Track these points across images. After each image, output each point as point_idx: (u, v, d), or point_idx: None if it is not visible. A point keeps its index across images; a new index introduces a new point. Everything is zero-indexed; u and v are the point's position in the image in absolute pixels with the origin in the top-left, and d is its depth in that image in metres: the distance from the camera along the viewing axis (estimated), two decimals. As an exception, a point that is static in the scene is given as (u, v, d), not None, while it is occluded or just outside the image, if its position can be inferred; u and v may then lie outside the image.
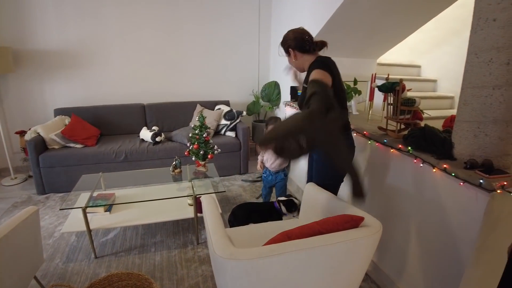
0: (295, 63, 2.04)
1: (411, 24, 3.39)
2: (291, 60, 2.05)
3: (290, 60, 2.07)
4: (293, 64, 2.07)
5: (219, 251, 1.17)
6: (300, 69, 2.08)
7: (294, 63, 2.05)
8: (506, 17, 1.45)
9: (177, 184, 2.93)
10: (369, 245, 1.32)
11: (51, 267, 2.34)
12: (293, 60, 2.02)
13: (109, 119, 4.11)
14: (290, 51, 1.98)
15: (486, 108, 1.57)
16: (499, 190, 1.45)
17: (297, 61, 2.01)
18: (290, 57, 2.02)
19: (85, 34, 4.02)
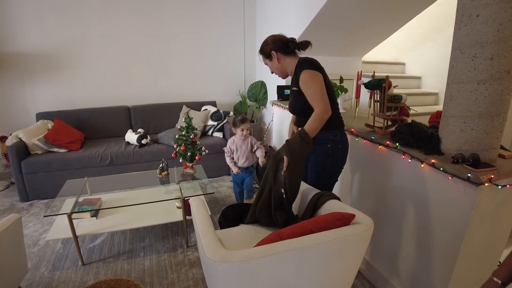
0: (278, 67, 1.99)
1: (394, 22, 3.43)
2: (273, 64, 1.99)
3: (272, 65, 2.01)
4: (275, 69, 2.02)
5: (210, 254, 1.14)
6: (283, 74, 2.04)
7: (276, 68, 2.01)
8: (488, 13, 1.47)
9: (165, 187, 2.88)
10: (361, 242, 1.32)
11: (37, 276, 2.27)
12: (276, 64, 1.98)
13: (94, 122, 4.03)
14: (273, 54, 1.94)
15: (471, 103, 1.59)
16: (487, 183, 1.47)
17: (280, 64, 1.97)
18: (272, 61, 1.97)
19: (67, 35, 3.93)
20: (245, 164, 2.94)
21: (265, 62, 2.04)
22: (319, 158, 1.96)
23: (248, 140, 2.94)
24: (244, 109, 4.63)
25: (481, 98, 1.56)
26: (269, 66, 2.04)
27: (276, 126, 3.95)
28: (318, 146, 1.92)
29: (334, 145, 1.93)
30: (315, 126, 1.76)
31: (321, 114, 1.75)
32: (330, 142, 1.92)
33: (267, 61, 2.01)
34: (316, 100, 1.77)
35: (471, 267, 1.74)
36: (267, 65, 2.04)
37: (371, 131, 2.19)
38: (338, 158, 1.97)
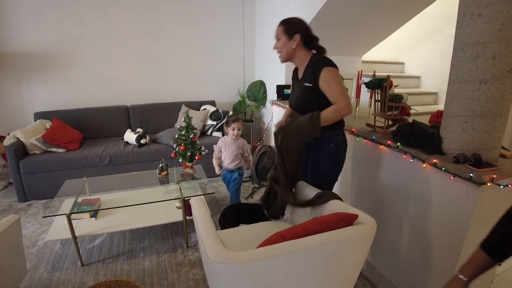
0: (290, 50, 1.86)
1: (394, 21, 3.43)
2: (288, 45, 1.85)
3: (285, 45, 1.86)
4: (286, 49, 1.87)
5: (213, 256, 1.13)
6: (287, 58, 1.91)
7: (288, 50, 1.87)
8: (491, 12, 1.46)
9: (164, 187, 2.87)
10: (364, 242, 1.31)
11: (36, 278, 2.25)
12: (291, 46, 1.85)
13: (92, 122, 4.01)
14: (296, 36, 1.82)
15: (473, 103, 1.59)
16: (489, 183, 1.47)
17: (294, 49, 1.85)
18: (290, 42, 1.84)
19: (65, 34, 3.90)
20: (230, 166, 2.84)
21: (279, 37, 1.88)
22: (323, 158, 1.94)
23: (239, 142, 2.84)
24: (243, 109, 4.62)
25: (483, 97, 1.56)
26: (281, 43, 1.88)
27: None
28: (321, 145, 1.92)
29: (337, 145, 1.93)
30: (331, 116, 1.75)
31: (343, 109, 1.73)
32: (334, 142, 1.91)
33: (284, 37, 1.86)
34: (339, 96, 1.74)
35: (472, 267, 1.74)
36: (279, 39, 1.89)
37: (372, 131, 2.18)
38: (340, 157, 1.98)
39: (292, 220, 2.02)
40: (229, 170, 2.86)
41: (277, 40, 1.90)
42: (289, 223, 1.99)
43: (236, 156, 2.82)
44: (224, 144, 2.84)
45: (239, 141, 2.84)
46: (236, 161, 2.83)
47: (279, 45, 1.90)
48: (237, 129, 2.77)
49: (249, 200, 3.44)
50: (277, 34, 1.89)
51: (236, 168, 2.86)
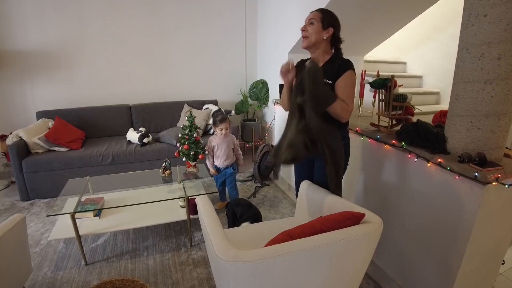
0: (319, 39, 1.81)
1: (396, 22, 3.43)
2: (320, 34, 1.80)
3: (317, 32, 1.80)
4: (315, 37, 1.80)
5: (222, 254, 1.14)
6: (312, 44, 1.83)
7: (317, 38, 1.80)
8: (496, 12, 1.47)
9: (168, 186, 2.88)
10: (371, 241, 1.32)
11: (40, 277, 2.26)
12: (321, 36, 1.80)
13: (95, 121, 4.01)
14: (330, 29, 1.80)
15: (478, 103, 1.60)
16: (494, 182, 1.47)
17: (322, 40, 1.81)
18: (322, 31, 1.79)
19: (67, 33, 3.90)
20: (226, 163, 3.00)
21: (312, 21, 1.81)
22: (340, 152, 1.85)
23: (228, 138, 2.98)
24: (245, 108, 4.63)
25: (487, 97, 1.56)
26: (313, 28, 1.80)
27: (278, 125, 3.94)
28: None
29: (346, 143, 1.93)
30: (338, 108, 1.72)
31: (347, 111, 1.75)
32: (344, 140, 1.88)
33: (319, 24, 1.79)
34: (349, 100, 1.76)
35: (476, 266, 1.75)
36: (311, 24, 1.81)
37: (376, 130, 2.19)
38: (347, 156, 1.97)
39: (297, 219, 2.03)
40: (224, 168, 3.02)
41: (309, 24, 1.82)
42: (294, 222, 1.99)
43: (229, 153, 3.00)
44: (216, 144, 2.97)
45: (228, 138, 2.99)
46: (230, 157, 3.01)
47: (310, 30, 1.81)
48: (225, 129, 2.89)
49: (251, 199, 3.45)
50: (311, 18, 1.82)
51: (230, 164, 3.04)
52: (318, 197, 1.82)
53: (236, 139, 3.11)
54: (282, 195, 3.57)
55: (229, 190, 3.13)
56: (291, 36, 3.59)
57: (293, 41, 3.53)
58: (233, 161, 3.07)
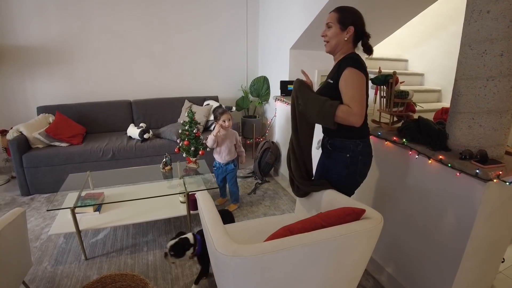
0: (340, 41, 1.69)
1: (398, 19, 3.42)
2: (339, 35, 1.69)
3: (336, 34, 1.69)
4: (335, 39, 1.70)
5: (221, 249, 1.14)
6: (334, 48, 1.73)
7: (338, 40, 1.69)
8: (499, 9, 1.46)
9: (168, 182, 2.87)
10: (371, 237, 1.32)
11: (39, 271, 2.26)
12: (342, 37, 1.68)
13: (95, 116, 4.01)
14: (350, 28, 1.66)
15: (480, 99, 1.59)
16: (495, 179, 1.47)
17: (344, 41, 1.69)
18: (341, 33, 1.68)
19: (68, 28, 3.89)
20: (228, 158, 2.97)
21: (330, 24, 1.71)
22: (335, 168, 1.79)
23: (231, 133, 2.97)
24: (246, 105, 4.62)
25: (490, 94, 1.56)
26: (332, 32, 1.70)
27: (279, 121, 3.93)
28: (335, 153, 1.78)
29: (354, 156, 1.74)
30: (339, 116, 1.58)
31: (352, 114, 1.56)
32: (350, 152, 1.73)
33: (336, 26, 1.69)
34: (352, 101, 1.58)
35: (476, 263, 1.75)
36: (329, 27, 1.71)
37: (377, 127, 2.18)
38: (356, 170, 1.77)
39: (297, 215, 2.03)
40: (224, 162, 2.99)
41: (327, 27, 1.72)
42: (294, 218, 1.99)
43: (231, 148, 2.97)
44: (220, 139, 2.92)
45: (230, 132, 2.96)
46: (231, 153, 2.99)
47: (328, 34, 1.71)
48: (227, 120, 2.84)
49: (252, 195, 3.45)
50: (329, 21, 1.71)
51: (230, 161, 3.02)
52: (318, 193, 1.81)
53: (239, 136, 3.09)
54: (283, 192, 3.57)
55: (229, 186, 3.12)
56: (292, 33, 3.58)
57: (295, 37, 3.52)
58: (235, 157, 3.05)
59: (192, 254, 1.95)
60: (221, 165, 3.01)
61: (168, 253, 1.90)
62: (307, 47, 3.67)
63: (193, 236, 1.99)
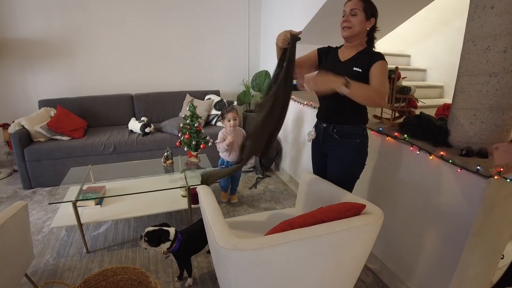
0: (362, 29, 1.71)
1: (402, 13, 3.40)
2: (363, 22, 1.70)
3: (361, 21, 1.70)
4: (359, 26, 1.70)
5: (222, 242, 1.14)
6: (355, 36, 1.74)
7: (361, 27, 1.71)
8: (503, 4, 1.45)
9: (169, 176, 2.88)
10: (371, 232, 1.32)
11: (42, 264, 2.28)
12: (365, 26, 1.71)
13: (97, 110, 4.01)
14: (372, 19, 1.71)
15: (482, 96, 1.58)
16: (496, 176, 1.47)
17: (366, 31, 1.74)
18: (367, 22, 1.71)
19: (70, 22, 3.88)
20: (233, 158, 2.92)
21: (356, 12, 1.70)
22: (348, 155, 1.82)
23: (238, 131, 2.92)
24: (247, 99, 4.61)
25: (492, 91, 1.55)
26: (357, 19, 1.69)
27: (280, 116, 3.92)
28: (346, 141, 1.81)
29: (363, 141, 1.82)
30: (368, 93, 1.60)
31: (382, 95, 1.61)
32: (359, 137, 1.81)
33: (362, 14, 1.69)
34: (384, 87, 1.66)
35: (475, 259, 1.75)
36: (355, 15, 1.70)
37: (379, 122, 2.18)
38: (365, 154, 1.87)
39: (298, 210, 2.04)
40: (232, 161, 2.91)
41: (352, 15, 1.70)
42: (294, 212, 2.00)
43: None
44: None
45: (238, 131, 2.91)
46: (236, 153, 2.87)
47: (354, 21, 1.70)
48: (233, 119, 2.81)
49: (252, 190, 3.45)
50: (354, 8, 1.69)
51: None
52: (319, 188, 1.82)
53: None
54: (283, 186, 3.57)
55: (234, 183, 3.12)
56: (296, 26, 3.54)
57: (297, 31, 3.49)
58: None
59: (167, 250, 1.92)
60: (230, 163, 2.95)
61: (142, 236, 1.88)
62: (310, 41, 3.64)
63: (175, 232, 1.95)
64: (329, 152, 1.90)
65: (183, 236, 1.98)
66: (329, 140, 1.87)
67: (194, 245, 2.04)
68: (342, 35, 1.79)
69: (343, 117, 1.77)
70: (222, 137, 2.87)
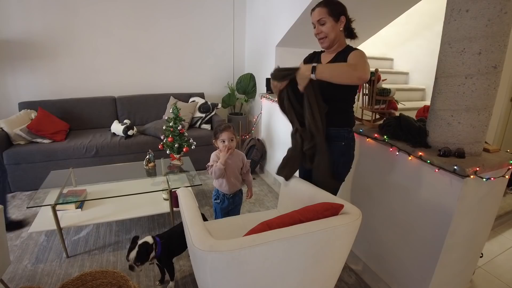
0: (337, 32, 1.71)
1: (383, 17, 3.45)
2: (335, 27, 1.70)
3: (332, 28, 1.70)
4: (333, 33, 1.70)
5: (199, 244, 1.13)
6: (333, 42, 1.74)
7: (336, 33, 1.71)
8: (478, 8, 1.49)
9: (152, 179, 2.85)
10: (349, 232, 1.33)
11: (19, 269, 2.22)
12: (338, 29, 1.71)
13: (79, 112, 3.94)
14: (342, 18, 1.69)
15: (459, 97, 1.61)
16: (472, 175, 1.49)
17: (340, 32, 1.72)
18: (337, 24, 1.69)
19: (52, 22, 3.82)
20: (235, 188, 2.24)
21: (323, 20, 1.69)
22: (332, 157, 1.76)
23: (236, 156, 2.21)
24: (232, 102, 4.60)
25: (468, 92, 1.58)
26: (328, 27, 1.69)
27: (265, 119, 3.94)
28: (331, 143, 1.77)
29: (348, 143, 1.81)
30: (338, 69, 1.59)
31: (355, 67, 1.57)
32: (344, 140, 1.80)
33: (330, 19, 1.68)
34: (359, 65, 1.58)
35: (455, 258, 1.78)
36: (323, 24, 1.70)
37: (359, 124, 2.19)
38: (350, 156, 1.86)
39: (280, 211, 2.03)
40: (230, 196, 2.24)
41: (320, 24, 1.71)
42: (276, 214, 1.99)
43: (237, 175, 2.24)
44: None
45: (236, 155, 2.22)
46: (239, 181, 2.26)
47: (325, 30, 1.70)
48: (228, 140, 2.10)
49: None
50: (321, 18, 1.69)
51: (238, 190, 2.30)
52: (300, 189, 1.82)
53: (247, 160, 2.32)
54: (268, 189, 3.57)
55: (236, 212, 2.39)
56: (279, 30, 3.58)
57: (281, 34, 3.51)
58: (241, 187, 2.31)
59: (152, 257, 1.89)
60: (227, 197, 2.23)
61: (133, 265, 1.81)
62: (293, 44, 3.68)
63: (152, 238, 1.91)
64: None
65: (162, 239, 1.96)
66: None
67: (174, 247, 2.02)
68: (322, 47, 1.82)
69: (328, 120, 1.75)
70: (215, 159, 2.14)
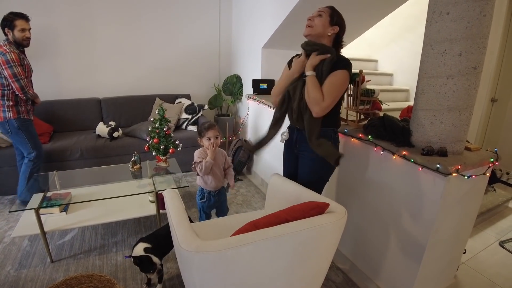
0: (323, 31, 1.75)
1: (368, 20, 3.50)
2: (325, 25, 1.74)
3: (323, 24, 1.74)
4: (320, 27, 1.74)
5: (185, 245, 1.13)
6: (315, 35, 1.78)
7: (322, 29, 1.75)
8: (458, 10, 1.53)
9: (137, 181, 2.82)
10: (335, 230, 1.34)
11: (2, 275, 2.17)
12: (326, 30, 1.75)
13: (63, 114, 3.88)
14: (336, 27, 1.76)
15: (441, 97, 1.65)
16: (454, 173, 1.53)
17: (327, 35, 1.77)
18: (329, 27, 1.75)
19: (35, 23, 3.71)
20: (219, 185, 2.36)
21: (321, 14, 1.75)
22: (318, 157, 1.76)
23: (219, 152, 2.33)
24: (219, 103, 4.60)
25: (450, 92, 1.62)
26: (320, 20, 1.74)
27: (251, 120, 3.94)
28: None
29: (333, 143, 1.84)
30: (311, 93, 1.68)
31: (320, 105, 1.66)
32: (331, 140, 1.81)
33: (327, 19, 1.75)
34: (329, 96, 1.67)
35: (438, 254, 1.81)
36: (320, 16, 1.75)
37: (344, 124, 2.22)
38: None
39: (267, 211, 2.04)
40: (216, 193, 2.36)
41: (318, 15, 1.76)
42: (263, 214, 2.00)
43: (221, 172, 2.36)
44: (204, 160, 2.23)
45: (219, 153, 2.33)
46: (223, 175, 2.39)
47: (317, 22, 1.75)
48: (214, 138, 2.21)
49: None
50: (321, 11, 1.76)
51: (221, 186, 2.42)
52: (287, 189, 1.83)
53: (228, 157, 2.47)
54: (255, 190, 3.58)
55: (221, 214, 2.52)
56: (265, 31, 3.59)
57: (267, 36, 3.53)
58: (224, 184, 2.44)
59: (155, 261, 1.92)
60: (212, 194, 2.34)
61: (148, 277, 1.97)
62: (279, 46, 3.70)
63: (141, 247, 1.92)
64: (300, 154, 1.92)
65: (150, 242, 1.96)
66: (302, 141, 1.87)
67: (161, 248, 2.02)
68: (303, 34, 1.83)
69: None
70: (201, 156, 2.24)
